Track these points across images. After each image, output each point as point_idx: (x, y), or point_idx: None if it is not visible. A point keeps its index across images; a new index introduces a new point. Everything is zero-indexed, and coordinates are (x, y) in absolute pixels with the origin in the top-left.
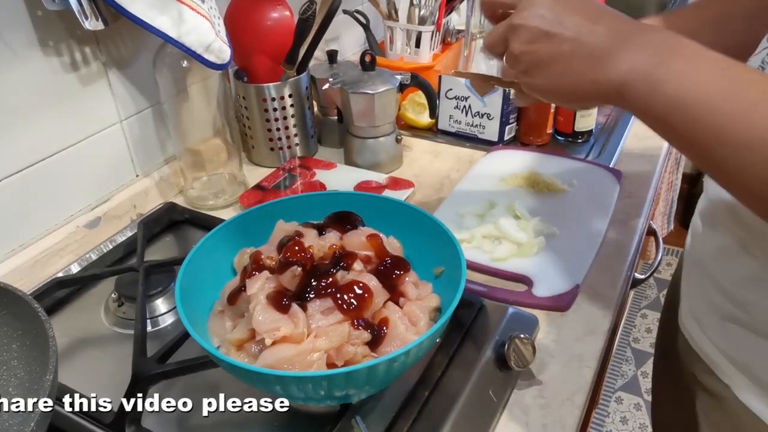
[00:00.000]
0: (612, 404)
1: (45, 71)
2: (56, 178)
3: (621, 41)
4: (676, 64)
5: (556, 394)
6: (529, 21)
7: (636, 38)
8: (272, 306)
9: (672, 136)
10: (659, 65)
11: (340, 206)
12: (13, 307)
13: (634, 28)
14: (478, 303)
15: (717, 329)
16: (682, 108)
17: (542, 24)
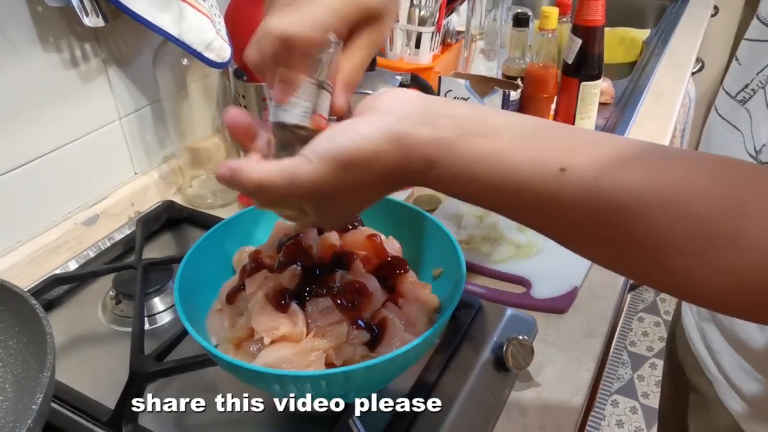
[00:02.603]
0: (608, 407)
1: (44, 67)
2: (54, 175)
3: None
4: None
5: (554, 396)
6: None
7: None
8: (271, 305)
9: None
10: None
11: None
12: (11, 303)
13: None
14: (477, 304)
15: (700, 324)
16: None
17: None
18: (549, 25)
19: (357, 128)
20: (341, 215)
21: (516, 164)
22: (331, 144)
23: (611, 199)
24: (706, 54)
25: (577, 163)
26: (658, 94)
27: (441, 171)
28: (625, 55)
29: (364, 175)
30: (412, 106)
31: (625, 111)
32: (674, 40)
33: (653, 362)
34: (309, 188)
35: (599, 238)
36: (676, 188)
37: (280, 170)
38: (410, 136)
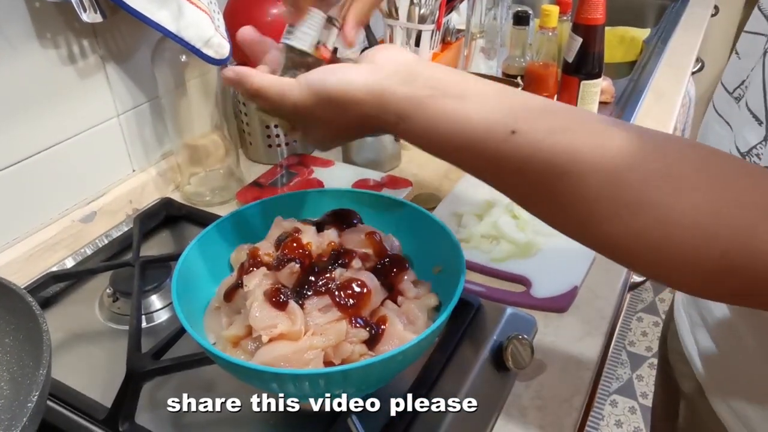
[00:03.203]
0: (607, 407)
1: (42, 64)
2: (51, 172)
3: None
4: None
5: (554, 395)
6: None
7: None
8: (269, 303)
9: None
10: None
11: (338, 203)
12: (7, 301)
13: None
14: (476, 303)
15: (693, 330)
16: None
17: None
18: (549, 23)
19: (348, 74)
20: (320, 139)
21: (472, 124)
22: (321, 79)
23: (551, 161)
24: (706, 54)
25: (527, 127)
26: (658, 94)
27: (410, 125)
28: (625, 55)
29: (340, 114)
30: (401, 67)
31: (625, 110)
32: (674, 39)
33: (652, 362)
34: (294, 108)
35: (540, 197)
36: (612, 156)
37: (275, 85)
38: (390, 92)
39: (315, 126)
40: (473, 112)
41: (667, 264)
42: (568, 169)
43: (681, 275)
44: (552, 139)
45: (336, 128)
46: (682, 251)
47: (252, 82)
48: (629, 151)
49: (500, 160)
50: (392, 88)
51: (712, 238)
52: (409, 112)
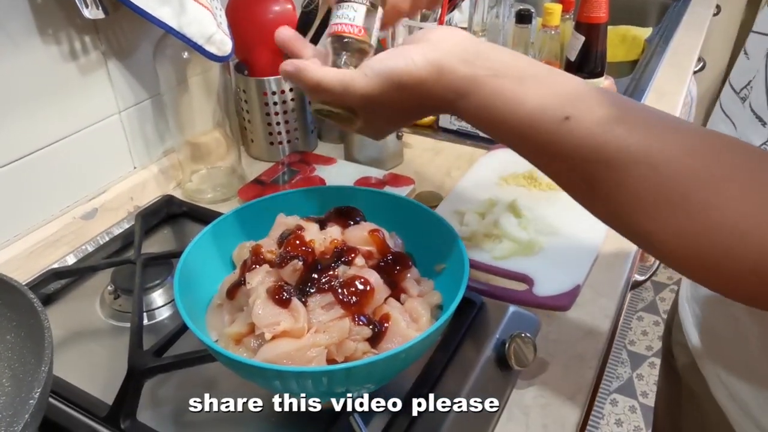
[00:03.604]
0: (607, 406)
1: (43, 60)
2: (53, 169)
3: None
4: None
5: (556, 394)
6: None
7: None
8: (272, 300)
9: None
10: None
11: (341, 201)
12: (8, 297)
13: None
14: (479, 301)
15: (698, 323)
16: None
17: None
18: (552, 21)
19: (411, 54)
20: (382, 127)
21: (527, 106)
22: (387, 64)
23: (601, 150)
24: (708, 53)
25: (580, 115)
26: (659, 93)
27: (467, 103)
28: (627, 54)
29: (408, 95)
30: (458, 45)
31: None
32: (676, 38)
33: (652, 361)
34: (360, 98)
35: (588, 185)
36: (660, 149)
37: (338, 76)
38: (450, 71)
39: (379, 113)
40: (529, 94)
41: (700, 262)
42: (614, 160)
43: (712, 275)
44: (602, 128)
45: (400, 112)
46: (717, 252)
47: (311, 76)
48: (675, 148)
49: (551, 144)
50: (452, 66)
51: (749, 241)
52: (467, 91)
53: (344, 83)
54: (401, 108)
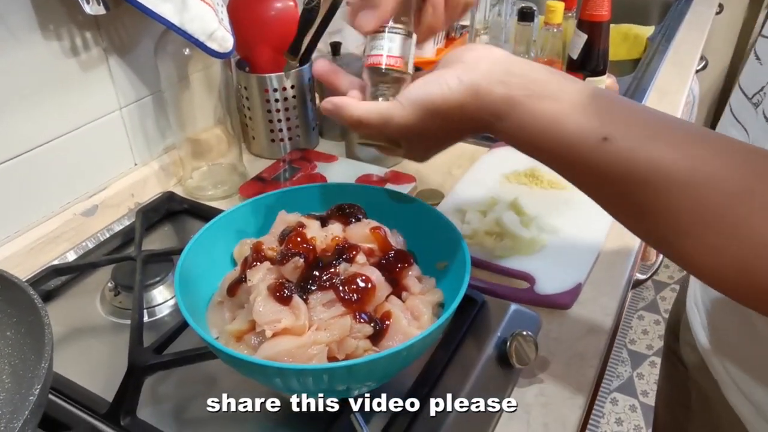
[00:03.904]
0: (607, 405)
1: (44, 55)
2: (53, 165)
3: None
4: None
5: (557, 392)
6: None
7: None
8: (273, 297)
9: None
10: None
11: (342, 198)
12: (8, 293)
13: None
14: (480, 299)
15: (709, 323)
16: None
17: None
18: (554, 19)
19: (446, 79)
20: (425, 152)
21: (566, 128)
22: (422, 92)
23: (639, 171)
24: (710, 52)
25: (618, 134)
26: (661, 92)
27: (506, 124)
28: (628, 52)
29: (446, 121)
30: (495, 65)
31: None
32: (678, 37)
33: (653, 360)
34: (400, 129)
35: (628, 206)
36: (701, 170)
37: (377, 111)
38: (487, 92)
39: (420, 141)
40: (566, 115)
41: (746, 284)
42: (653, 180)
43: (758, 297)
44: (641, 148)
45: (440, 137)
46: (763, 273)
47: (351, 113)
48: (715, 166)
49: (590, 166)
50: (489, 87)
51: None
52: (505, 112)
53: (383, 117)
54: (441, 133)
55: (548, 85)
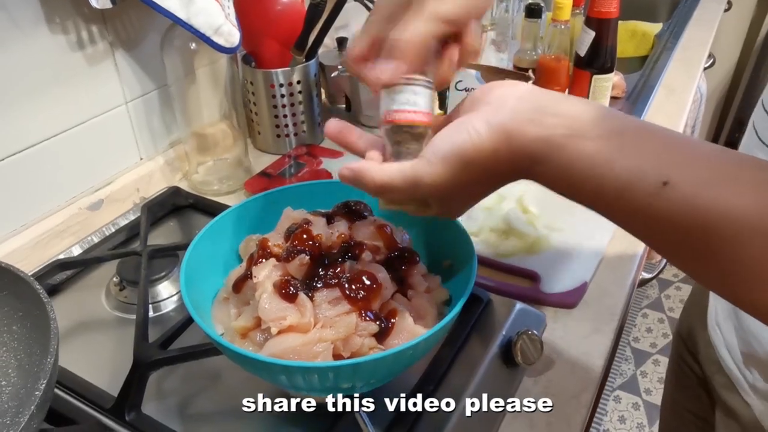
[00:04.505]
0: (610, 403)
1: (50, 49)
2: (58, 159)
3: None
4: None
5: (562, 391)
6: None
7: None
8: (279, 294)
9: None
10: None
11: (348, 195)
12: (14, 287)
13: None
14: (485, 298)
15: (735, 349)
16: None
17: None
18: (562, 16)
19: (474, 125)
20: (461, 206)
21: (618, 172)
22: (450, 144)
23: (709, 220)
24: (718, 49)
25: (679, 178)
26: (669, 89)
27: (545, 168)
28: (636, 49)
29: (480, 171)
30: (524, 103)
31: (635, 106)
32: (686, 34)
33: (656, 359)
34: (431, 188)
35: (694, 256)
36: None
37: (401, 173)
38: (519, 134)
39: (454, 197)
40: (617, 156)
41: None
42: (725, 227)
43: None
44: (708, 192)
45: (477, 189)
46: None
47: (374, 179)
48: None
49: (649, 212)
50: (521, 129)
51: None
52: (543, 155)
53: (410, 179)
54: (476, 186)
55: (588, 123)
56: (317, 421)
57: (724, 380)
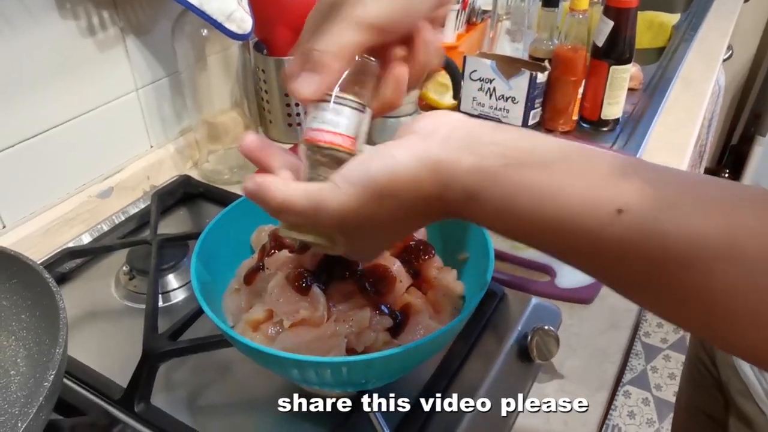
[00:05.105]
0: (620, 398)
1: (61, 35)
2: (69, 146)
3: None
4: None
5: (578, 388)
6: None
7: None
8: (292, 287)
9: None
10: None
11: None
12: (23, 276)
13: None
14: (500, 292)
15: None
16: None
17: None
18: (580, 5)
19: (392, 152)
20: (374, 247)
21: (568, 202)
22: (363, 170)
23: (671, 247)
24: (736, 41)
25: (636, 203)
26: (687, 81)
27: (482, 204)
28: (653, 40)
29: (398, 204)
30: (455, 131)
31: (653, 97)
32: (705, 25)
33: (667, 354)
34: (336, 217)
35: (656, 289)
36: (748, 239)
37: (305, 194)
38: (450, 164)
39: (363, 232)
40: (565, 185)
41: None
42: (692, 256)
43: None
44: (668, 217)
45: (389, 226)
46: None
47: (274, 196)
48: (761, 230)
49: (602, 245)
50: (453, 159)
51: None
52: (479, 189)
53: (313, 202)
54: (389, 222)
55: (531, 151)
56: (329, 417)
57: (741, 386)
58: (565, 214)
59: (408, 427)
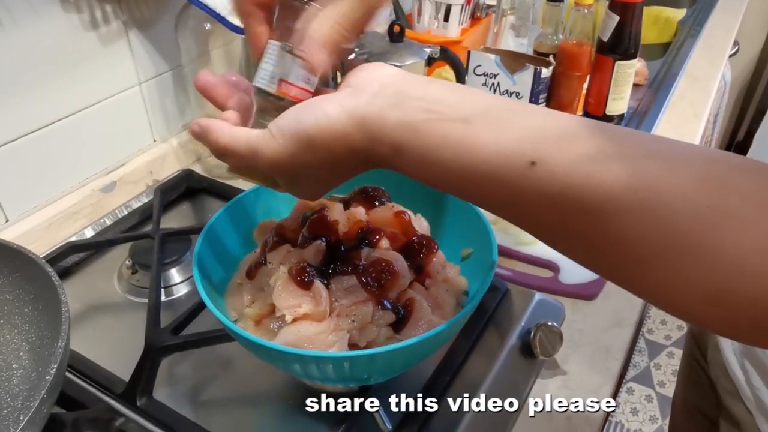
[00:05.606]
0: (623, 395)
1: (64, 29)
2: (71, 140)
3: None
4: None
5: (581, 385)
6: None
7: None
8: (294, 282)
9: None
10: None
11: (366, 180)
12: (26, 269)
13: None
14: (503, 288)
15: (741, 359)
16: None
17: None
18: (585, 0)
19: (323, 106)
20: (310, 189)
21: (485, 154)
22: (295, 122)
23: (582, 198)
24: (742, 36)
25: (549, 157)
26: (692, 77)
27: (407, 157)
28: (659, 35)
29: (329, 155)
30: (385, 87)
31: (658, 93)
32: (711, 21)
33: (671, 351)
34: (270, 163)
35: (569, 236)
36: (654, 190)
37: (246, 140)
38: (377, 119)
39: (298, 178)
40: (482, 138)
41: (723, 315)
42: (601, 206)
43: (737, 327)
44: (579, 170)
45: (326, 174)
46: (741, 301)
47: (217, 140)
48: (674, 183)
49: (517, 196)
50: (379, 114)
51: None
52: (405, 142)
53: (251, 148)
54: (322, 170)
55: (451, 105)
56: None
57: (730, 386)
58: (482, 166)
59: (411, 422)
